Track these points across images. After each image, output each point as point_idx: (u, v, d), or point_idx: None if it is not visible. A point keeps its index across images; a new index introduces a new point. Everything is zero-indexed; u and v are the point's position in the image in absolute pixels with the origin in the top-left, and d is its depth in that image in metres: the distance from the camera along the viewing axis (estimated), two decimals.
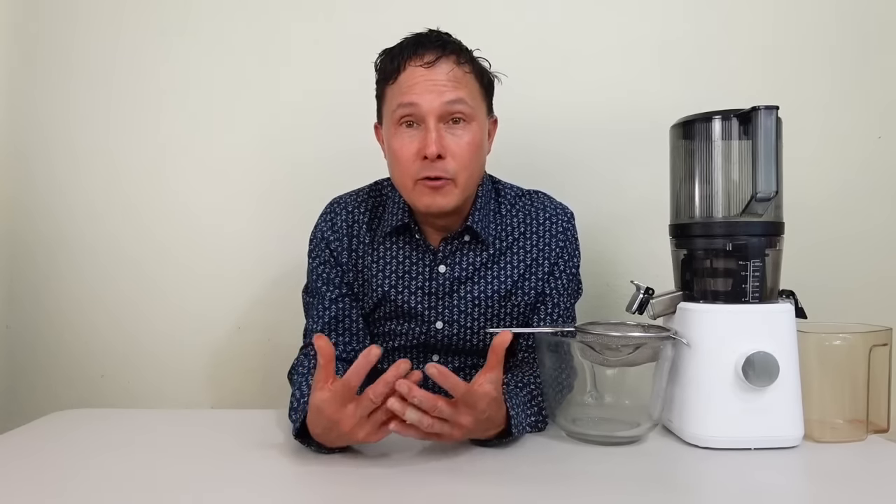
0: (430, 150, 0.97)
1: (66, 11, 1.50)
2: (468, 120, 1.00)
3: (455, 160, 0.99)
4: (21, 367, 1.52)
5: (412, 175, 1.00)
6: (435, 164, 0.98)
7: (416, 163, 0.99)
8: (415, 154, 0.99)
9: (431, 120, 0.98)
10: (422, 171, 0.99)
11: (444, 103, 0.98)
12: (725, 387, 0.90)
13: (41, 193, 1.52)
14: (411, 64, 0.99)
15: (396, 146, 1.01)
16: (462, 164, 1.00)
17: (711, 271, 0.96)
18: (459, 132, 1.00)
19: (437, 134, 0.98)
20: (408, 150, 1.00)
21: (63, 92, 1.51)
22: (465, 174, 1.01)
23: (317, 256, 1.12)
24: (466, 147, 1.00)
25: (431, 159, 0.98)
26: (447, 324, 1.08)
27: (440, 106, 0.98)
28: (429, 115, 0.98)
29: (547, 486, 0.78)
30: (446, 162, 0.99)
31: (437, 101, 0.98)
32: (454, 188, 1.00)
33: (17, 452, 0.91)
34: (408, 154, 1.00)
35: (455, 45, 1.02)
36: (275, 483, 0.80)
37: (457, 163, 0.99)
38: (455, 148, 0.99)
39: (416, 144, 0.99)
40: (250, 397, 1.49)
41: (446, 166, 0.99)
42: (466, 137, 1.00)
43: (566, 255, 1.11)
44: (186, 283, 1.50)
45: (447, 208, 1.01)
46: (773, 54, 1.44)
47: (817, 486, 0.82)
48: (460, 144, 1.00)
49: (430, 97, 0.98)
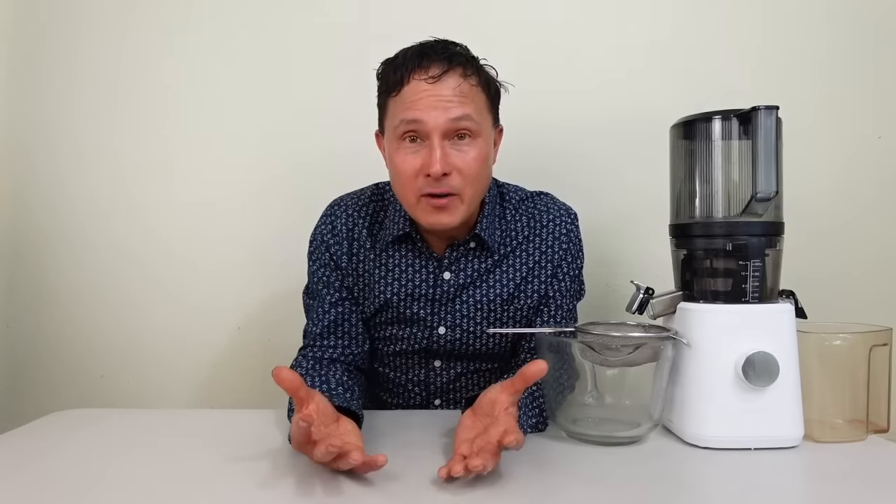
0: (434, 168, 0.94)
1: (69, 11, 1.51)
2: (474, 136, 0.97)
3: (461, 176, 0.97)
4: (22, 366, 1.52)
5: (415, 192, 0.98)
6: (440, 180, 0.96)
7: (419, 179, 0.97)
8: (418, 170, 0.97)
9: (436, 137, 0.95)
10: (425, 187, 0.97)
11: (450, 120, 0.95)
12: (725, 387, 0.90)
13: (44, 191, 1.52)
14: (416, 77, 0.95)
15: (398, 161, 0.98)
16: (468, 180, 0.98)
17: (711, 271, 0.96)
18: (465, 148, 0.97)
19: (442, 151, 0.95)
20: (410, 167, 0.97)
21: (66, 90, 1.51)
22: (471, 190, 0.99)
23: (317, 259, 1.11)
24: (472, 163, 0.97)
25: (436, 178, 0.95)
26: (449, 329, 1.08)
27: (445, 123, 0.95)
28: (433, 132, 0.95)
29: (547, 486, 0.77)
30: (451, 178, 0.96)
31: (442, 118, 0.94)
32: (460, 204, 0.98)
33: (17, 452, 0.91)
34: (410, 170, 0.97)
35: (461, 56, 0.98)
36: (275, 483, 0.80)
37: (462, 178, 0.97)
38: (461, 164, 0.97)
39: (419, 161, 0.96)
40: (250, 397, 1.49)
41: (452, 182, 0.97)
42: (472, 153, 0.97)
43: (569, 258, 1.10)
44: (187, 282, 1.50)
45: (452, 225, 0.99)
46: (774, 54, 1.44)
47: (817, 486, 0.82)
48: (466, 160, 0.97)
49: (436, 114, 0.94)
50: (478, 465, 0.72)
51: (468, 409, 0.87)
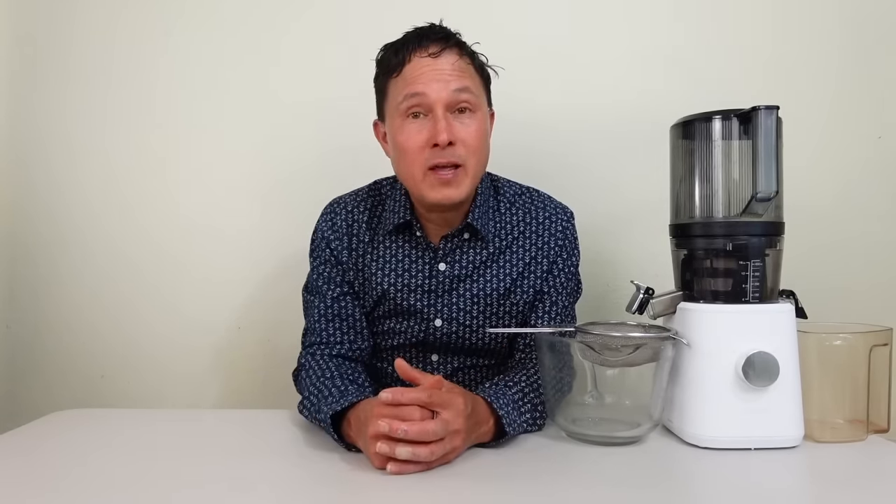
0: (441, 137, 0.97)
1: (63, 13, 1.50)
2: (474, 109, 1.01)
3: (465, 147, 1.00)
4: (20, 368, 1.52)
5: (421, 165, 1.00)
6: (445, 150, 0.98)
7: (425, 152, 0.99)
8: (424, 143, 0.99)
9: (440, 108, 0.98)
10: (432, 158, 0.99)
11: (452, 91, 0.99)
12: (725, 387, 0.90)
13: (40, 194, 1.52)
14: (416, 55, 1.00)
15: (403, 138, 1.01)
16: (471, 151, 1.01)
17: (712, 271, 0.96)
18: (467, 121, 1.01)
19: (447, 122, 0.98)
20: (416, 141, 1.00)
21: (60, 93, 1.51)
22: (475, 160, 1.02)
23: (318, 256, 1.12)
24: (475, 134, 1.01)
25: (443, 147, 0.98)
26: (446, 321, 1.08)
27: (448, 95, 0.99)
28: (437, 103, 0.98)
29: (547, 486, 0.77)
30: (457, 148, 0.99)
31: (444, 91, 0.98)
32: (465, 176, 1.01)
33: (17, 452, 0.91)
34: (416, 145, 1.00)
35: (457, 37, 1.03)
36: (275, 483, 0.80)
37: (467, 149, 1.00)
38: (464, 135, 1.00)
39: (424, 134, 0.99)
40: (250, 397, 1.49)
41: (457, 152, 0.99)
42: (474, 125, 1.01)
43: (565, 254, 1.11)
44: (186, 283, 1.50)
45: (458, 199, 1.01)
46: (774, 55, 1.44)
47: (817, 486, 0.82)
48: (469, 132, 1.00)
49: (438, 86, 0.98)
50: (405, 454, 0.79)
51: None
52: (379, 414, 0.81)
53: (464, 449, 0.86)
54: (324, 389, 0.96)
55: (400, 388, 0.84)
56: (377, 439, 0.80)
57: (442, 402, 0.83)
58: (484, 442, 0.90)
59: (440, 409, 0.83)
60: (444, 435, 0.81)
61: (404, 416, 0.81)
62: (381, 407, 0.82)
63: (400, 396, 0.82)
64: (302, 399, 1.01)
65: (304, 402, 0.99)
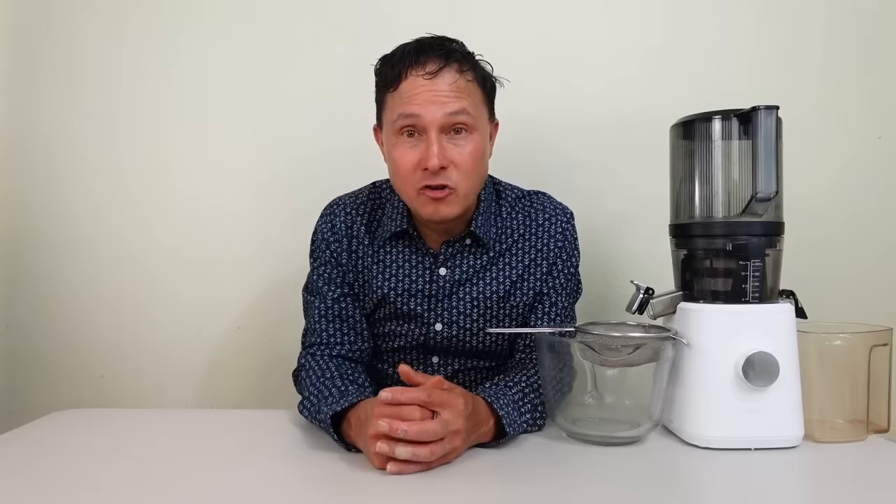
0: (431, 163, 0.96)
1: (69, 11, 1.50)
2: (470, 130, 0.99)
3: (457, 170, 0.99)
4: (21, 366, 1.52)
5: (413, 185, 1.00)
6: (437, 174, 0.97)
7: (416, 173, 0.99)
8: (416, 164, 0.98)
9: (433, 131, 0.96)
10: (423, 180, 0.98)
11: (447, 114, 0.97)
12: (725, 387, 0.90)
13: (43, 191, 1.52)
14: (413, 73, 0.97)
15: (397, 155, 1.00)
16: (464, 174, 0.99)
17: (711, 271, 0.96)
18: (462, 142, 0.99)
19: (439, 146, 0.97)
20: (408, 161, 0.99)
21: (65, 91, 1.51)
22: (468, 184, 1.00)
23: (318, 258, 1.12)
24: (469, 157, 0.99)
25: (433, 171, 0.97)
26: (446, 325, 1.08)
27: (442, 117, 0.97)
28: (430, 126, 0.96)
29: (547, 486, 0.77)
30: (448, 171, 0.98)
31: (439, 113, 0.96)
32: (457, 197, 1.00)
33: (17, 452, 0.91)
34: (409, 164, 0.99)
35: (458, 52, 1.00)
36: (274, 483, 0.80)
37: (459, 173, 0.99)
38: (457, 158, 0.98)
39: (417, 155, 0.98)
40: (250, 397, 1.49)
41: (449, 175, 0.98)
42: (469, 147, 0.99)
43: (564, 255, 1.11)
44: (186, 283, 1.50)
45: (451, 217, 1.01)
46: (774, 54, 1.44)
47: (817, 486, 0.82)
48: (462, 154, 0.98)
49: (433, 108, 0.96)
50: (405, 454, 0.79)
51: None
52: (379, 413, 0.81)
53: (464, 449, 0.86)
54: (324, 390, 0.96)
55: (400, 387, 0.84)
56: (377, 439, 0.80)
57: (442, 402, 0.83)
58: (484, 442, 0.90)
59: (440, 409, 0.83)
60: (444, 435, 0.81)
61: (404, 415, 0.81)
62: (381, 406, 0.82)
63: (400, 396, 0.82)
64: (302, 399, 1.01)
65: (304, 402, 1.00)
